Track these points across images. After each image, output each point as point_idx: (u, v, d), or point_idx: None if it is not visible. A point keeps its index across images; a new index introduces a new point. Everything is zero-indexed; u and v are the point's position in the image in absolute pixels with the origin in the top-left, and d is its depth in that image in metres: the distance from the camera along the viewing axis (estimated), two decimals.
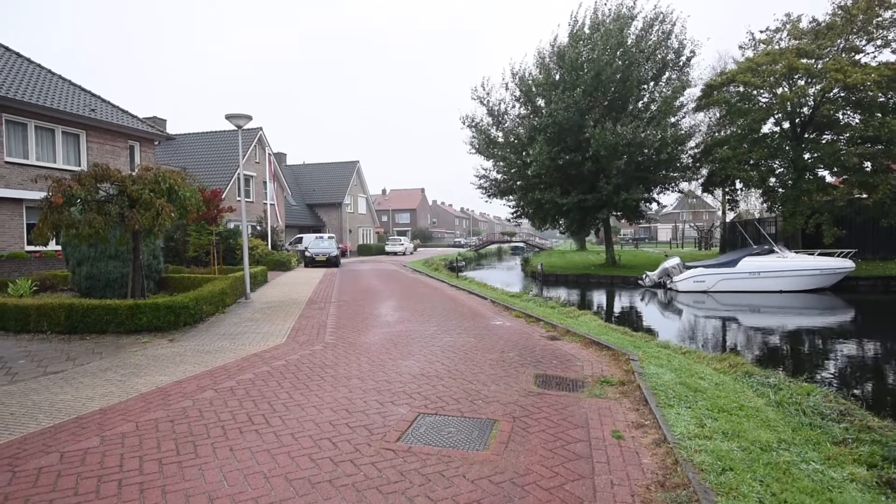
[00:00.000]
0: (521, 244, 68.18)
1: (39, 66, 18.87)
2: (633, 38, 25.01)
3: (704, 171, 28.50)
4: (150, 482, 3.53)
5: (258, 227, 29.71)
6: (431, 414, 4.90)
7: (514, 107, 28.45)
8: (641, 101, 26.09)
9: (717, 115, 28.85)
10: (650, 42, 25.10)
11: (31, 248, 16.17)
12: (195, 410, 4.98)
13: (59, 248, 14.16)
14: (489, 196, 30.28)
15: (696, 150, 27.88)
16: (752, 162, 24.68)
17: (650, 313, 18.48)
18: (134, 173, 10.51)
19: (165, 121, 28.91)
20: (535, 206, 28.04)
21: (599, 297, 22.81)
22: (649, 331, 13.43)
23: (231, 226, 24.82)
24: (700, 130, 28.34)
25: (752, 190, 31.42)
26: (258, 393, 5.54)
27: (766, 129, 26.28)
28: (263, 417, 4.80)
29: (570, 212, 27.07)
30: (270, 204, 30.11)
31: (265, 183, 33.45)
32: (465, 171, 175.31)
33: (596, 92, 24.16)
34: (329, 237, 31.90)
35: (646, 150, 24.41)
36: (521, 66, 27.46)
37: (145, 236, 10.37)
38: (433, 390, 5.63)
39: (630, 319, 16.56)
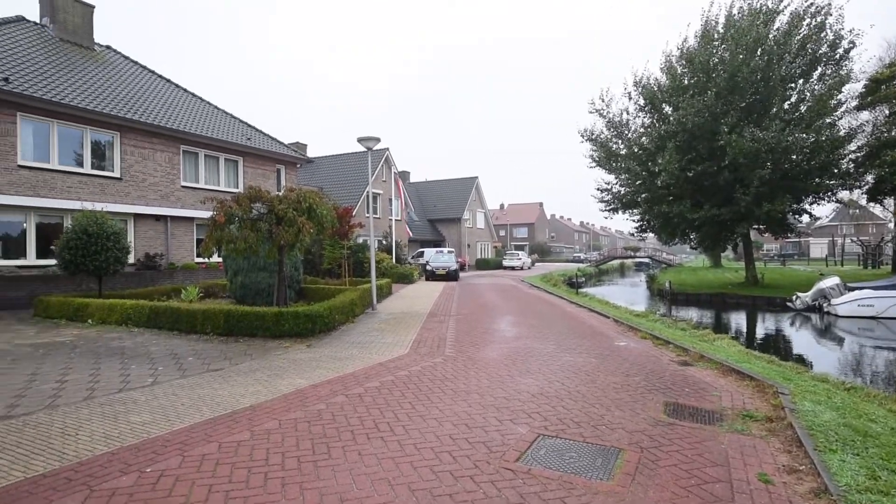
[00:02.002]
0: (646, 260, 64.51)
1: (209, 103, 21.94)
2: (775, 34, 22.58)
3: (870, 178, 24.67)
4: (291, 478, 3.87)
5: (384, 242, 31.48)
6: (552, 436, 4.78)
7: (636, 116, 27.19)
8: (788, 102, 23.40)
9: (886, 112, 24.85)
10: (798, 37, 22.44)
11: (199, 259, 18.81)
12: (328, 413, 5.38)
13: (220, 260, 16.22)
14: (611, 210, 29.05)
15: (858, 154, 24.24)
16: None
17: (802, 340, 16.32)
18: (280, 194, 11.74)
19: (306, 145, 32.02)
20: (661, 220, 26.38)
21: (738, 320, 20.65)
22: (801, 360, 11.90)
23: (360, 240, 26.59)
24: (864, 131, 24.58)
25: None
26: (383, 401, 5.83)
27: None
28: (388, 425, 5.03)
29: (703, 226, 24.99)
30: (395, 220, 31.79)
31: (391, 200, 35.45)
32: (585, 184, 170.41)
33: (731, 95, 22.16)
34: (449, 251, 32.82)
35: (794, 156, 21.79)
36: (643, 73, 26.28)
37: (288, 250, 11.50)
38: (553, 411, 5.50)
39: (776, 346, 14.79)
